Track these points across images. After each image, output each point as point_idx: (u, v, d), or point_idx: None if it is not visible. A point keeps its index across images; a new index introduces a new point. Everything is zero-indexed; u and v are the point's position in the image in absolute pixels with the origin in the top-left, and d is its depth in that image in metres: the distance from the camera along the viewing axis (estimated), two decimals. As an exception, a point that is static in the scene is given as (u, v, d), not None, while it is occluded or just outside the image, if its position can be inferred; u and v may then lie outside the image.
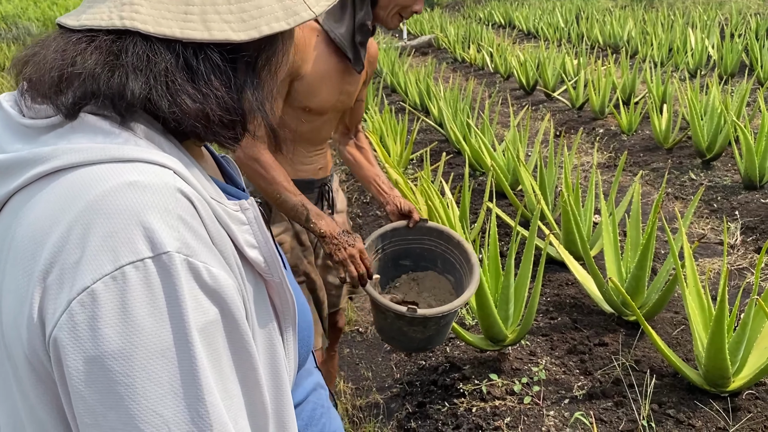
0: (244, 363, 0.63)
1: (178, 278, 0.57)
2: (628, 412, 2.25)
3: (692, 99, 4.64)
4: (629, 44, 9.73)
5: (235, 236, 0.66)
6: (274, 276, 0.70)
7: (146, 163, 0.61)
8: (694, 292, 2.34)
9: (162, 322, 0.56)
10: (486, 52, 9.65)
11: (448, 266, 2.08)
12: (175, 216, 0.59)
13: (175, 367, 0.56)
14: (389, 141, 5.09)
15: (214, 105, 0.65)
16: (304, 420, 0.88)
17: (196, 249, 0.59)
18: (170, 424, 0.56)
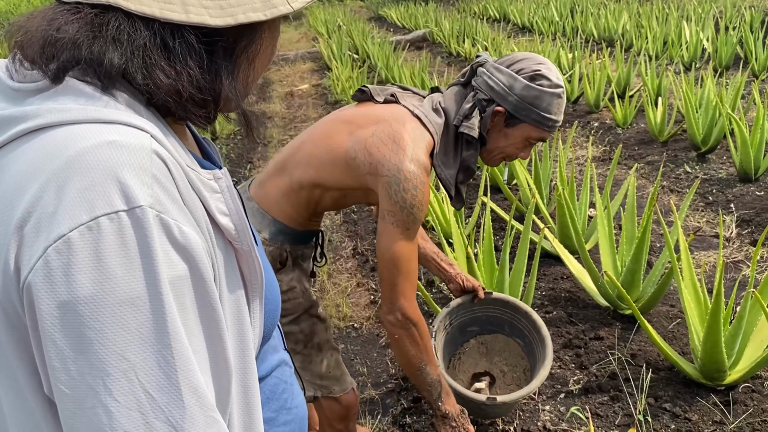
0: (210, 321, 0.66)
1: (150, 231, 0.60)
2: (624, 406, 2.24)
3: (687, 92, 4.63)
4: (624, 37, 9.71)
5: (207, 202, 0.69)
6: (243, 244, 0.74)
7: (125, 126, 0.64)
8: (690, 286, 2.33)
9: (133, 271, 0.59)
10: (481, 47, 9.62)
11: (516, 331, 2.12)
12: (150, 174, 0.62)
13: (144, 315, 0.59)
14: (384, 135, 5.07)
15: (186, 82, 0.69)
16: (265, 394, 0.91)
17: (168, 207, 0.62)
18: (137, 369, 0.59)
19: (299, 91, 9.21)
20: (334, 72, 8.59)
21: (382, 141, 1.52)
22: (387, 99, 1.64)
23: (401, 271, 1.56)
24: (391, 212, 1.52)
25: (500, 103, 1.59)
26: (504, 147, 1.67)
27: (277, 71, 10.97)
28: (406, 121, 1.55)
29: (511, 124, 1.62)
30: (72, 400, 0.59)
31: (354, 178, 1.58)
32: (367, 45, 10.38)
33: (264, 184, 1.66)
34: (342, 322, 3.22)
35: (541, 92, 1.56)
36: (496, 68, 1.60)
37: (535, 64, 1.58)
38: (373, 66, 9.58)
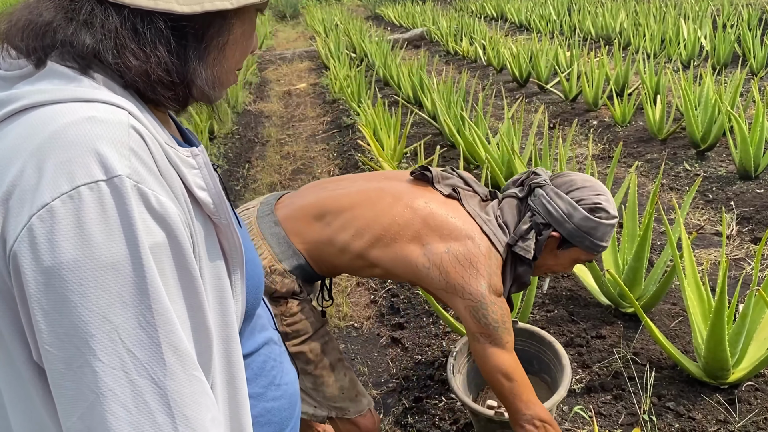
0: (189, 288, 0.69)
1: (128, 199, 0.63)
2: (627, 405, 2.23)
3: (686, 89, 4.62)
4: (621, 36, 9.71)
5: (185, 177, 0.73)
6: (222, 218, 0.77)
7: (103, 103, 0.68)
8: (693, 284, 2.32)
9: (113, 237, 0.62)
10: (478, 45, 9.61)
11: (544, 367, 2.11)
12: (127, 147, 0.65)
13: (125, 279, 0.62)
14: (383, 134, 5.05)
15: (154, 65, 0.72)
16: (253, 370, 0.94)
17: (145, 177, 0.65)
18: (119, 329, 0.62)
19: (297, 90, 9.19)
20: (331, 71, 8.57)
21: (460, 262, 1.53)
22: (450, 194, 1.64)
23: (518, 382, 1.59)
24: (484, 333, 1.56)
25: (556, 228, 1.62)
26: (552, 265, 1.72)
27: (274, 70, 10.95)
28: (479, 241, 1.57)
29: (563, 247, 1.66)
30: (60, 361, 0.62)
31: (420, 281, 1.59)
32: (364, 44, 10.36)
33: (297, 219, 1.63)
34: (342, 322, 3.20)
35: (598, 224, 1.60)
36: (556, 194, 1.61)
37: (595, 195, 1.61)
38: (371, 65, 9.56)
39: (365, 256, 1.60)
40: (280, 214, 1.65)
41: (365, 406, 1.74)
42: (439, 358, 2.70)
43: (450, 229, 1.56)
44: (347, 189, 1.68)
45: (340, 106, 7.55)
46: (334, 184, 1.74)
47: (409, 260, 1.56)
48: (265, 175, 5.54)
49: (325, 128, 6.90)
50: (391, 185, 1.67)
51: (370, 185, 1.68)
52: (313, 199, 1.67)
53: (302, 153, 6.12)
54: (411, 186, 1.67)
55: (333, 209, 1.62)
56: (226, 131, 6.84)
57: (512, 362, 1.60)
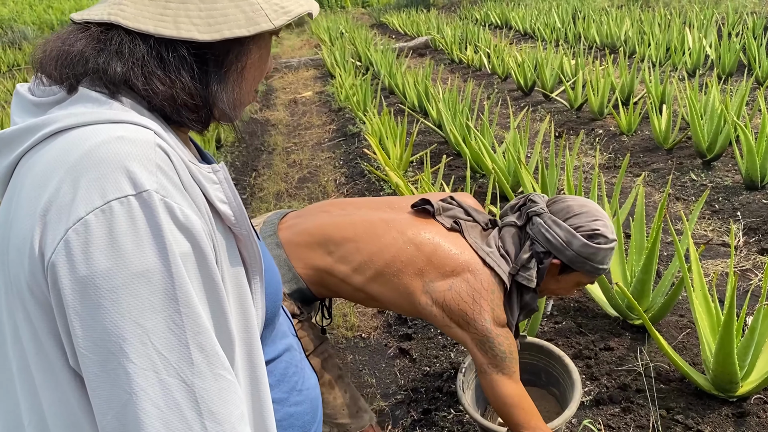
0: (213, 294, 0.74)
1: (156, 212, 0.68)
2: (636, 417, 2.23)
3: (692, 99, 4.63)
4: (627, 44, 9.72)
5: (207, 192, 0.78)
6: (242, 229, 0.82)
7: (131, 124, 0.73)
8: (701, 296, 2.32)
9: (142, 247, 0.67)
10: (483, 53, 9.63)
11: (552, 380, 2.12)
12: (154, 164, 0.71)
13: (154, 286, 0.67)
14: (389, 143, 5.07)
15: (179, 89, 0.78)
16: (276, 376, 0.99)
17: (171, 192, 0.71)
18: (150, 333, 0.67)
19: (303, 98, 9.22)
20: (337, 79, 8.60)
21: (462, 298, 1.55)
22: (453, 227, 1.66)
23: (525, 410, 1.62)
24: (492, 364, 1.59)
25: (557, 256, 1.63)
26: (554, 289, 1.75)
27: (280, 78, 10.99)
28: (482, 275, 1.58)
29: (564, 272, 1.68)
30: (95, 364, 0.66)
31: (423, 317, 1.62)
32: (369, 52, 10.40)
33: (299, 244, 1.64)
34: (350, 332, 3.21)
35: (597, 250, 1.62)
36: (554, 222, 1.63)
37: (593, 221, 1.63)
38: (376, 73, 9.59)
39: (366, 290, 1.61)
40: (283, 236, 1.66)
41: (366, 422, 1.74)
42: (448, 369, 2.70)
43: (453, 266, 1.57)
44: (351, 217, 1.68)
45: (346, 115, 7.58)
46: (338, 209, 1.74)
47: (411, 298, 1.58)
48: (272, 183, 5.56)
49: (331, 136, 6.93)
50: (394, 218, 1.67)
51: (375, 216, 1.68)
52: (317, 223, 1.67)
53: (308, 161, 6.14)
54: (414, 218, 1.67)
55: (335, 238, 1.63)
56: (233, 140, 6.87)
57: (519, 391, 1.62)
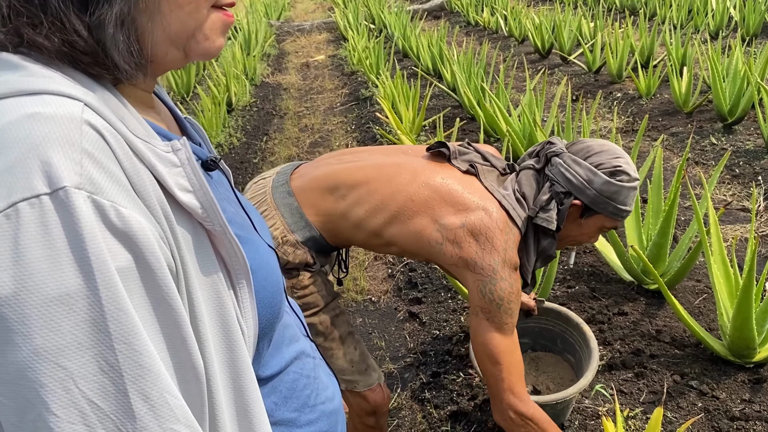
0: (166, 318, 0.57)
1: (77, 217, 0.51)
2: (649, 383, 2.19)
3: (714, 60, 4.49)
4: (647, 6, 9.47)
5: (163, 178, 0.60)
6: (215, 224, 0.65)
7: (52, 95, 0.55)
8: (719, 261, 2.26)
9: (59, 264, 0.51)
10: (500, 15, 9.43)
11: (568, 347, 2.09)
12: (79, 149, 0.53)
13: (78, 315, 0.51)
14: (401, 107, 4.98)
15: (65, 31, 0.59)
16: (282, 393, 0.82)
17: (103, 186, 0.53)
18: (75, 377, 0.51)
19: (315, 62, 9.11)
20: (350, 42, 8.47)
21: (474, 236, 1.49)
22: (468, 170, 1.60)
23: (503, 366, 1.53)
24: (485, 309, 1.51)
25: (577, 196, 1.56)
26: (576, 236, 1.67)
27: (292, 42, 10.86)
28: (496, 215, 1.51)
29: (586, 215, 1.61)
30: (13, 413, 0.51)
31: (431, 256, 1.55)
32: (383, 14, 10.22)
33: (311, 190, 1.60)
34: (359, 296, 3.18)
35: (620, 187, 1.54)
36: (575, 161, 1.56)
37: (614, 158, 1.56)
38: (389, 36, 9.44)
39: (381, 233, 1.56)
40: (295, 185, 1.62)
41: (375, 380, 1.72)
42: (457, 333, 2.67)
43: (465, 204, 1.52)
44: (363, 162, 1.64)
45: (359, 78, 7.47)
46: (350, 156, 1.70)
47: (423, 236, 1.53)
48: (283, 148, 5.51)
49: (343, 100, 6.84)
50: (408, 161, 1.62)
51: (387, 160, 1.63)
52: (328, 170, 1.63)
53: (320, 126, 6.07)
54: (428, 162, 1.62)
55: (347, 182, 1.58)
56: (244, 103, 6.80)
57: (504, 345, 1.53)
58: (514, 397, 1.54)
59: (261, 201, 1.59)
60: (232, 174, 0.90)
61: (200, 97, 6.51)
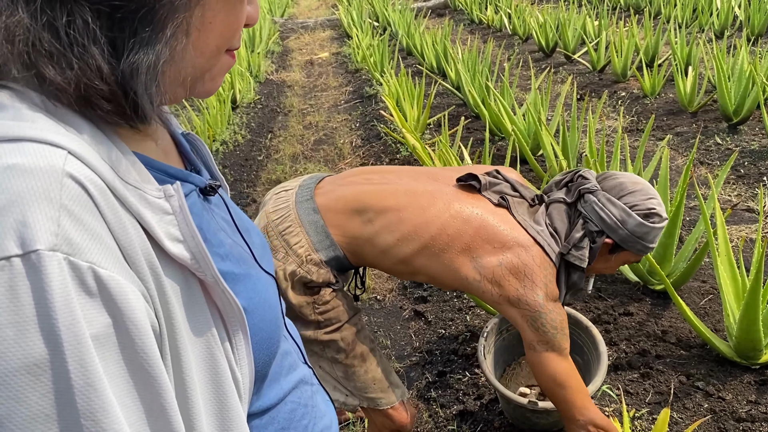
0: (145, 385, 0.54)
1: (48, 282, 0.48)
2: (655, 383, 2.20)
3: (719, 59, 4.48)
4: (651, 4, 9.45)
5: (152, 228, 0.57)
6: (207, 275, 0.62)
7: (34, 143, 0.52)
8: (726, 262, 2.26)
9: (26, 332, 0.48)
10: (504, 13, 9.42)
11: (576, 348, 2.08)
12: (58, 206, 0.50)
13: (45, 386, 0.49)
14: (406, 105, 4.98)
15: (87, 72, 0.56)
16: (279, 423, 0.80)
17: (82, 246, 0.50)
18: None
19: (319, 60, 9.11)
20: (354, 40, 8.46)
21: (513, 274, 1.51)
22: (500, 202, 1.60)
23: (573, 389, 1.58)
24: (542, 341, 1.55)
25: (610, 235, 1.59)
26: (601, 268, 1.70)
27: (296, 39, 10.85)
28: (533, 251, 1.53)
29: (614, 252, 1.64)
30: None
31: (465, 289, 1.57)
32: (387, 12, 10.21)
33: (337, 211, 1.57)
34: (365, 294, 3.19)
35: (651, 229, 1.58)
36: (609, 200, 1.58)
37: (648, 200, 1.58)
38: (394, 34, 9.43)
39: (409, 262, 1.55)
40: (320, 201, 1.58)
41: (398, 398, 1.69)
42: (463, 332, 2.68)
43: (502, 241, 1.52)
44: (393, 186, 1.61)
45: (363, 76, 7.47)
46: (378, 176, 1.67)
47: (459, 272, 1.53)
48: (288, 145, 5.51)
49: (347, 98, 6.84)
50: (440, 189, 1.60)
51: (419, 187, 1.61)
52: (355, 190, 1.60)
53: (324, 123, 6.07)
54: (460, 192, 1.61)
55: (376, 207, 1.56)
56: (249, 100, 6.81)
57: (568, 369, 1.58)
58: (588, 412, 1.59)
59: (285, 216, 1.56)
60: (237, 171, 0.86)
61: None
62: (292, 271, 1.50)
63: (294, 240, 1.52)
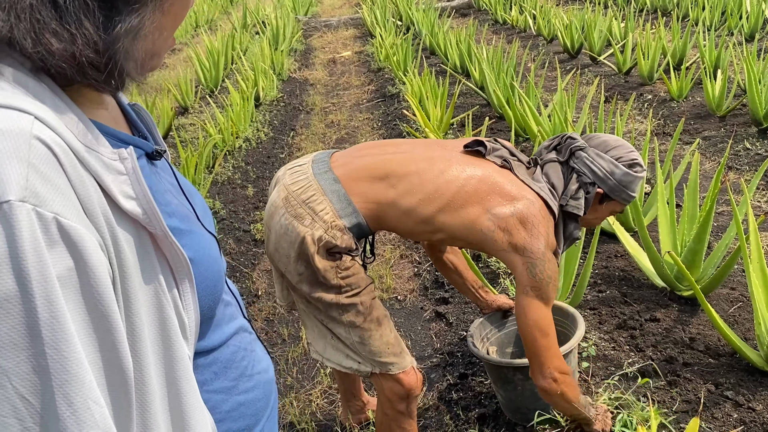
0: (100, 322, 0.61)
1: (18, 228, 0.55)
2: (682, 392, 2.15)
3: (750, 63, 4.40)
4: (679, 7, 9.32)
5: (107, 186, 0.65)
6: (156, 229, 0.69)
7: (3, 108, 0.59)
8: (758, 269, 2.20)
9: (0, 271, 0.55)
10: (529, 14, 9.35)
11: (561, 338, 2.11)
12: (26, 163, 0.57)
13: (14, 318, 0.56)
14: (429, 104, 4.95)
15: (81, 45, 0.63)
16: (222, 363, 0.89)
17: (47, 198, 0.57)
18: (9, 375, 0.56)
19: (342, 58, 9.10)
20: (377, 39, 8.45)
21: (522, 224, 1.65)
22: (504, 165, 1.75)
23: (551, 336, 1.71)
24: (535, 287, 1.67)
25: (600, 186, 1.79)
26: (591, 219, 1.91)
27: (319, 38, 10.87)
28: (538, 204, 1.70)
29: (603, 201, 1.84)
30: None
31: (481, 243, 1.70)
32: (411, 11, 10.19)
33: (359, 179, 1.68)
34: (386, 294, 3.17)
35: (635, 178, 1.79)
36: (597, 154, 1.78)
37: (630, 152, 1.80)
38: (417, 33, 9.40)
39: (431, 221, 1.67)
40: (339, 173, 1.69)
41: (409, 363, 1.79)
42: (485, 334, 2.64)
43: (512, 195, 1.68)
44: (410, 153, 1.74)
45: (385, 75, 7.45)
46: (393, 147, 1.81)
47: (475, 225, 1.66)
48: (310, 143, 5.51)
49: (369, 97, 6.83)
50: (452, 155, 1.75)
51: (434, 153, 1.75)
52: (375, 160, 1.73)
53: (346, 122, 6.06)
54: (469, 157, 1.76)
55: (398, 172, 1.68)
56: (272, 98, 6.81)
57: (549, 318, 1.71)
58: (558, 359, 1.72)
59: (306, 186, 1.66)
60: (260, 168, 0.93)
61: (228, 91, 6.53)
62: (320, 236, 1.61)
63: (319, 207, 1.63)
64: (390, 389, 1.77)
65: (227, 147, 5.09)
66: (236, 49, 8.40)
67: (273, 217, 1.67)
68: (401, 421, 1.82)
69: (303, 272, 1.64)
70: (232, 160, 5.04)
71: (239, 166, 4.98)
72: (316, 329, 1.77)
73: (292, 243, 1.62)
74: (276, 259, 1.69)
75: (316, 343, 1.79)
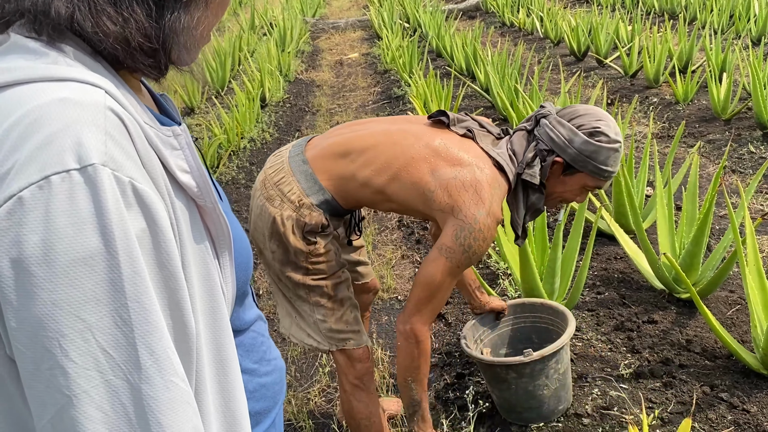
0: (168, 282, 0.64)
1: (102, 190, 0.58)
2: (677, 393, 2.16)
3: (755, 66, 4.39)
4: (687, 10, 9.30)
5: (166, 160, 0.68)
6: (207, 201, 0.73)
7: (77, 82, 0.62)
8: (755, 272, 2.21)
9: (84, 230, 0.58)
10: (536, 17, 9.35)
11: (549, 335, 2.16)
12: (104, 131, 0.60)
13: (98, 275, 0.58)
14: (433, 106, 4.97)
15: (134, 29, 0.66)
16: (245, 346, 0.92)
17: (124, 164, 0.61)
18: (93, 329, 0.58)
19: (348, 60, 9.13)
20: (384, 41, 8.47)
21: (464, 186, 1.64)
22: (466, 134, 1.76)
23: (434, 299, 1.72)
24: (451, 249, 1.65)
25: (559, 154, 1.72)
26: (561, 192, 1.82)
27: (326, 39, 10.90)
28: (487, 170, 1.68)
29: (568, 173, 1.76)
30: (30, 361, 0.58)
31: (423, 206, 1.71)
32: (418, 13, 10.21)
33: (324, 157, 1.75)
34: (386, 294, 3.19)
35: (598, 147, 1.69)
36: (558, 122, 1.73)
37: (595, 121, 1.70)
38: (424, 35, 9.42)
39: (384, 190, 1.72)
40: (309, 155, 1.77)
41: (365, 342, 1.86)
42: (483, 335, 2.66)
43: (459, 160, 1.68)
44: (372, 129, 1.81)
45: (391, 77, 7.48)
46: (360, 126, 1.87)
47: (419, 185, 1.68)
48: (314, 144, 5.53)
49: (375, 99, 6.85)
50: (412, 127, 1.79)
51: (393, 127, 1.80)
52: (340, 139, 1.80)
53: (352, 123, 6.09)
54: (430, 128, 1.78)
55: (357, 147, 1.74)
56: (278, 99, 6.85)
57: (446, 284, 1.69)
58: (421, 322, 1.74)
59: (279, 169, 1.76)
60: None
61: (235, 92, 6.57)
62: (288, 215, 1.69)
63: (287, 188, 1.71)
64: (346, 363, 1.84)
65: (231, 147, 5.12)
66: (243, 50, 8.44)
67: (252, 199, 1.80)
68: (359, 395, 1.88)
69: (275, 251, 1.74)
70: (237, 161, 5.07)
71: (244, 166, 5.01)
72: (285, 307, 1.85)
73: (266, 223, 1.73)
74: (255, 238, 1.80)
75: (284, 320, 1.87)
